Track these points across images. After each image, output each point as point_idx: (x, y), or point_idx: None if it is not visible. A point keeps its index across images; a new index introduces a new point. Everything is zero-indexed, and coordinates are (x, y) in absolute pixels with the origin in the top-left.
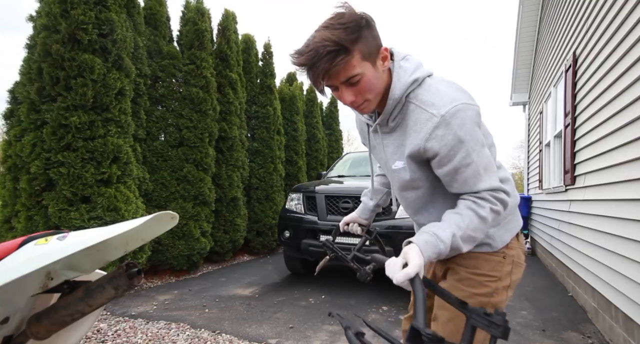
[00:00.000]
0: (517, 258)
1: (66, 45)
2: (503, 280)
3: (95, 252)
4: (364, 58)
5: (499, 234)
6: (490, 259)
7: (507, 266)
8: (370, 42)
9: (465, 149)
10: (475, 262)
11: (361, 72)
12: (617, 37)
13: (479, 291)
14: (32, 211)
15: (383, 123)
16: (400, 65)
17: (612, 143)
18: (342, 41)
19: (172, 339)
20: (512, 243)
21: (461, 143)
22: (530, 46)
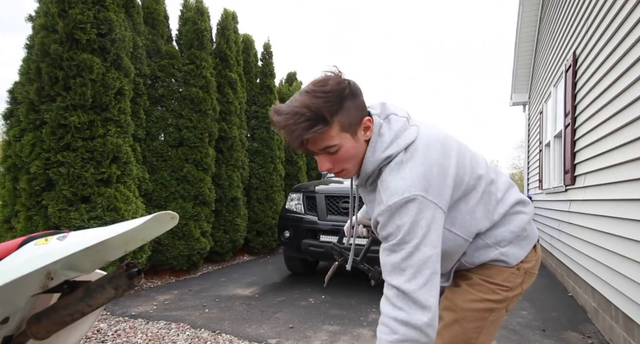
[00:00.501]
0: (531, 268)
1: (64, 45)
2: (515, 290)
3: (95, 252)
4: (343, 129)
5: (513, 251)
6: (505, 270)
7: (520, 277)
8: (352, 114)
9: (399, 239)
10: (489, 271)
11: (339, 143)
12: (617, 37)
13: (489, 296)
14: (31, 211)
15: (362, 183)
16: (380, 133)
17: (612, 143)
18: (321, 111)
19: (172, 339)
20: (529, 256)
21: (398, 231)
22: (530, 46)
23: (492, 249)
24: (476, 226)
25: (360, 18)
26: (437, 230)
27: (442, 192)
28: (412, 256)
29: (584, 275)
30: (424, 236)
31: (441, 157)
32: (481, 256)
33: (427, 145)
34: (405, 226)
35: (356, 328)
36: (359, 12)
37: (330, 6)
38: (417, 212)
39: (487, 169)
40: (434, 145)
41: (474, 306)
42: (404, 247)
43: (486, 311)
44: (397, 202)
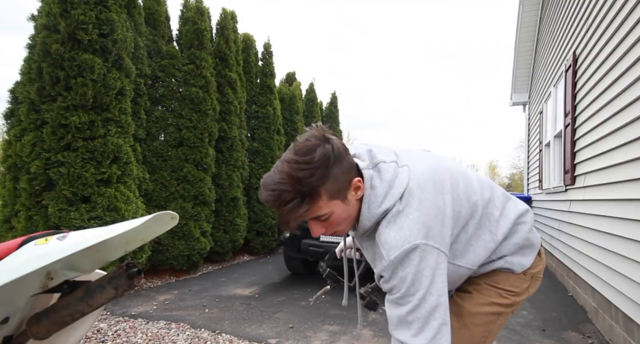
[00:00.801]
0: (538, 273)
1: (66, 45)
2: (522, 294)
3: (95, 253)
4: (332, 197)
5: (517, 260)
6: (511, 276)
7: (527, 282)
8: (340, 179)
9: (403, 291)
10: (496, 277)
11: (329, 211)
12: (617, 37)
13: (498, 300)
14: (32, 210)
15: (358, 234)
16: (372, 185)
17: (612, 143)
18: (306, 187)
19: (172, 339)
20: (535, 262)
21: (402, 283)
22: (530, 46)
23: (497, 261)
24: (483, 252)
25: (360, 18)
26: (441, 276)
27: (442, 235)
28: (418, 308)
29: (584, 275)
30: (429, 285)
31: (435, 198)
32: (487, 267)
33: (420, 187)
34: (409, 277)
35: (356, 328)
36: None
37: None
38: (420, 261)
39: (481, 190)
40: (427, 185)
41: (483, 310)
42: (410, 299)
43: (495, 315)
44: (398, 256)
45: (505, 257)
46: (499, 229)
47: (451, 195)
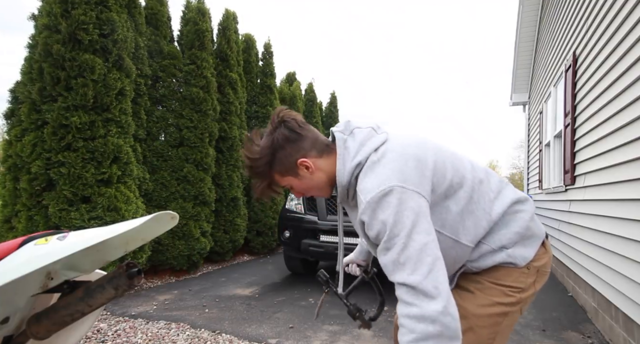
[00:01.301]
0: (543, 267)
1: (67, 45)
2: (527, 290)
3: (95, 253)
4: (284, 174)
5: (520, 252)
6: (514, 271)
7: (532, 276)
8: (285, 162)
9: (388, 234)
10: (497, 273)
11: (288, 183)
12: (617, 37)
13: (502, 300)
14: (32, 211)
15: (344, 202)
16: (345, 146)
17: (612, 143)
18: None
19: (172, 339)
20: (538, 254)
21: (384, 226)
22: (530, 46)
23: (497, 253)
24: (474, 229)
25: (360, 19)
26: (425, 217)
27: (421, 182)
28: (407, 248)
29: (584, 275)
30: (413, 224)
31: (416, 151)
32: (487, 260)
33: (400, 144)
34: (390, 219)
35: (356, 328)
36: (360, 12)
37: (331, 6)
38: (399, 203)
39: (473, 169)
40: (408, 141)
41: (487, 311)
42: (396, 241)
43: (500, 316)
44: (374, 197)
45: (506, 249)
46: (493, 209)
47: (434, 156)
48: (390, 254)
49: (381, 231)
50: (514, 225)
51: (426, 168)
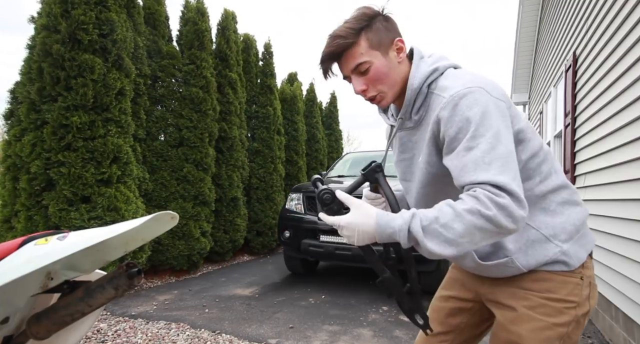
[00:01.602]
0: (593, 279)
1: (66, 45)
2: (582, 306)
3: (95, 253)
4: (372, 47)
5: (575, 250)
6: (568, 281)
7: (586, 289)
8: (382, 33)
9: (472, 131)
10: (549, 284)
11: (368, 60)
12: (617, 37)
13: (558, 320)
14: (32, 210)
15: (406, 117)
16: (422, 56)
17: (612, 143)
18: (348, 30)
19: (172, 339)
20: (588, 262)
21: (469, 123)
22: (530, 46)
23: (550, 245)
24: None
25: None
26: (508, 127)
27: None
28: (495, 148)
29: None
30: (499, 129)
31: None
32: (537, 255)
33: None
34: (477, 117)
35: (356, 328)
36: None
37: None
38: (486, 104)
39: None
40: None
41: (545, 335)
42: (481, 140)
43: (560, 340)
44: (460, 92)
45: (561, 243)
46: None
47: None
48: (474, 153)
49: (463, 128)
50: (573, 216)
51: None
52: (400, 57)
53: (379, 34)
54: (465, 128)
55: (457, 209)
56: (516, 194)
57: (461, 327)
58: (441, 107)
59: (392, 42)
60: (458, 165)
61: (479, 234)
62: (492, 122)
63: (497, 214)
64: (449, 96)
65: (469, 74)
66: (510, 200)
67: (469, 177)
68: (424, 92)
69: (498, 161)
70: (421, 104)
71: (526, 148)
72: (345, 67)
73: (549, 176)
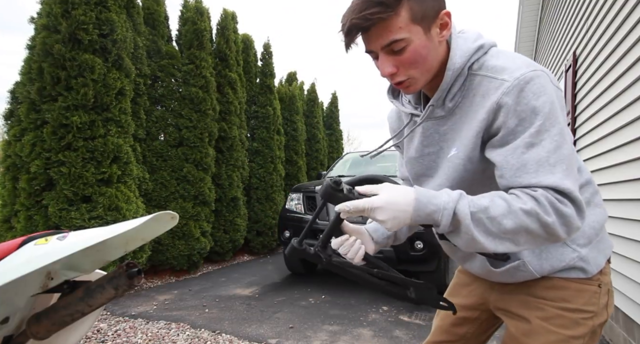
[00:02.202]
0: (610, 285)
1: (67, 45)
2: (600, 316)
3: (95, 252)
4: (414, 20)
5: (593, 255)
6: (585, 289)
7: (604, 297)
8: (428, 2)
9: (538, 125)
10: (564, 293)
11: (407, 37)
12: (617, 37)
13: (575, 332)
14: (31, 210)
15: (438, 104)
16: (458, 33)
17: (612, 143)
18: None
19: (172, 339)
20: (606, 268)
21: (535, 115)
22: (530, 46)
23: (567, 250)
24: None
25: None
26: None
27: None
28: (560, 148)
29: None
30: (564, 125)
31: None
32: (552, 259)
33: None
34: (546, 108)
35: (356, 328)
36: None
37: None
38: (552, 93)
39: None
40: None
41: None
42: (546, 136)
43: None
44: (525, 75)
45: (579, 247)
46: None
47: None
48: (536, 151)
49: (526, 120)
50: (593, 218)
51: None
52: (442, 36)
53: (425, 2)
54: (530, 120)
55: (513, 206)
56: (579, 202)
57: (467, 337)
58: (503, 91)
59: (437, 14)
60: (514, 163)
61: (525, 237)
62: (558, 115)
63: (555, 221)
64: (514, 79)
65: (523, 57)
66: (574, 210)
67: (528, 178)
68: (464, 74)
69: (563, 163)
70: (458, 89)
71: None
72: (375, 41)
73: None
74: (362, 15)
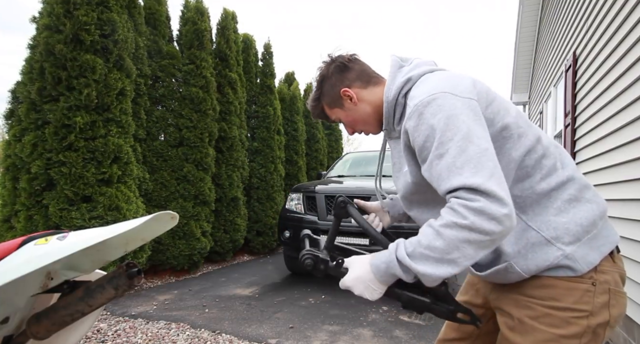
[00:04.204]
0: (615, 285)
1: (69, 45)
2: (597, 315)
3: (95, 252)
4: (331, 107)
5: (582, 253)
6: (574, 287)
7: (601, 296)
8: (331, 93)
9: (439, 138)
10: (553, 292)
11: (335, 116)
12: (617, 37)
13: (566, 331)
14: (32, 210)
15: (390, 128)
16: (400, 66)
17: (612, 143)
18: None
19: (172, 339)
20: (605, 265)
21: (434, 131)
22: (530, 46)
23: (551, 248)
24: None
25: (360, 18)
26: (482, 125)
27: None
28: (465, 151)
29: None
30: (469, 129)
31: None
32: (537, 259)
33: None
34: (441, 123)
35: (356, 328)
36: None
37: (332, 6)
38: (451, 107)
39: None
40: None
41: None
42: (450, 145)
43: None
44: (423, 100)
45: (564, 245)
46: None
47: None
48: (445, 159)
49: (430, 136)
50: (578, 214)
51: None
52: (354, 102)
53: (330, 94)
54: (432, 136)
55: (435, 227)
56: (492, 192)
57: (475, 334)
58: (407, 117)
59: (340, 97)
60: (435, 175)
61: (469, 247)
62: (459, 124)
63: (475, 220)
64: (414, 106)
65: (437, 79)
66: (487, 201)
67: (445, 185)
68: (401, 103)
69: (470, 163)
70: (400, 115)
71: (517, 145)
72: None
73: (553, 172)
74: (309, 105)
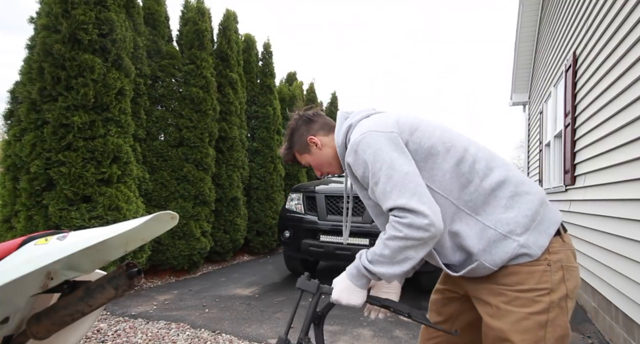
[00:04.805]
0: (567, 261)
1: (67, 45)
2: (557, 291)
3: (95, 252)
4: (301, 153)
5: (533, 239)
6: (534, 270)
7: (557, 273)
8: (300, 142)
9: (371, 169)
10: (518, 277)
11: (305, 161)
12: (617, 37)
13: (533, 309)
14: (32, 210)
15: (348, 169)
16: (346, 117)
17: (612, 143)
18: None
19: (172, 339)
20: (555, 245)
21: (367, 164)
22: (530, 46)
23: (507, 241)
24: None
25: (361, 19)
26: (402, 154)
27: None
28: (391, 178)
29: (584, 275)
30: (391, 158)
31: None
32: (499, 252)
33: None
34: (370, 158)
35: (356, 328)
36: (360, 12)
37: (332, 6)
38: (376, 143)
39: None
40: (401, 111)
41: (523, 326)
42: (379, 174)
43: (539, 329)
44: (356, 140)
45: (518, 236)
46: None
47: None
48: (379, 186)
49: (365, 169)
50: (523, 207)
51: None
52: (319, 147)
53: (299, 143)
54: (367, 168)
55: (382, 239)
56: (414, 208)
57: (456, 314)
58: (347, 154)
59: (307, 144)
60: (377, 198)
61: (409, 250)
62: (384, 156)
63: (407, 233)
64: (350, 145)
65: (368, 122)
66: (413, 216)
67: (384, 205)
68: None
69: (396, 187)
70: None
71: (447, 158)
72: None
73: (490, 173)
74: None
